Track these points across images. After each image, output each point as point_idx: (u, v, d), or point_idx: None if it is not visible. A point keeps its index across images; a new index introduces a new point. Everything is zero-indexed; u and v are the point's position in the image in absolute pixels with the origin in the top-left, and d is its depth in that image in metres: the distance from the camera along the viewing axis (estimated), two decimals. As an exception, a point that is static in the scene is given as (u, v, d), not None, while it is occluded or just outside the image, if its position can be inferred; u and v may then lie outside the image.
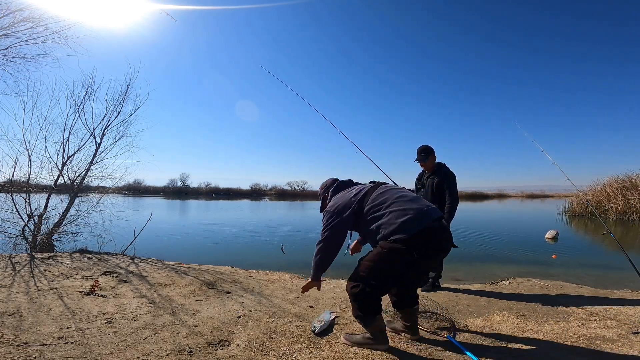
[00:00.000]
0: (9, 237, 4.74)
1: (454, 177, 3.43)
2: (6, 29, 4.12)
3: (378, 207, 2.02)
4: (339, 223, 2.08)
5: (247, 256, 6.57)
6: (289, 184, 57.14)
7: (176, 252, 6.64)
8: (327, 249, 2.12)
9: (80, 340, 2.05)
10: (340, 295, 3.25)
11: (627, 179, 16.03)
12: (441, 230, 1.95)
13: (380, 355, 1.98)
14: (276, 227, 11.94)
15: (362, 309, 1.99)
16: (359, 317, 2.03)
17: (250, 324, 2.43)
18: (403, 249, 1.85)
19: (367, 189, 2.15)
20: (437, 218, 1.94)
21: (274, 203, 32.38)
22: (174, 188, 53.63)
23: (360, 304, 1.98)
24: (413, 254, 1.86)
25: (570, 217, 16.85)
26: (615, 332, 2.33)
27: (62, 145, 5.37)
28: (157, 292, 3.12)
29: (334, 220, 2.09)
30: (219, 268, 4.35)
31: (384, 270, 1.94)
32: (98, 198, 5.54)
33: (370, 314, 1.99)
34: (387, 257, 1.90)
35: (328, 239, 2.10)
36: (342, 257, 2.27)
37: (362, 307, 1.98)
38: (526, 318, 2.66)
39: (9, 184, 4.87)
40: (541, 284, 3.87)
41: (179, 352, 1.94)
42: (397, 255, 1.87)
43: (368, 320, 2.00)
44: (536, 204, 35.81)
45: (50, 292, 2.90)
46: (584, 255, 7.18)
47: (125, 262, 4.19)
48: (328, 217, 2.13)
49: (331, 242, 2.10)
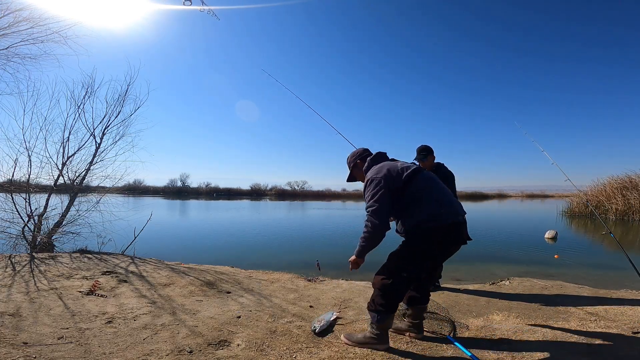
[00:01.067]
0: (9, 237, 4.74)
1: (452, 177, 3.44)
2: (6, 29, 4.12)
3: (420, 192, 1.97)
4: (385, 194, 1.94)
5: (247, 256, 6.57)
6: (289, 184, 57.23)
7: (176, 252, 6.64)
8: (374, 228, 1.95)
9: (80, 340, 2.05)
10: (340, 295, 3.25)
11: (627, 179, 16.02)
12: (465, 224, 2.08)
13: (380, 355, 1.97)
14: (276, 228, 11.94)
15: (386, 304, 1.96)
16: (377, 312, 1.99)
17: (250, 324, 2.43)
18: (437, 237, 1.92)
19: (414, 169, 2.06)
20: (463, 213, 2.07)
21: (274, 203, 32.38)
22: (174, 188, 53.67)
23: (388, 298, 1.96)
24: (444, 243, 1.96)
25: (570, 217, 16.84)
26: (615, 332, 2.33)
27: (62, 145, 5.37)
28: (157, 292, 3.11)
29: (381, 190, 1.95)
30: (219, 268, 4.35)
31: (417, 260, 1.96)
32: (98, 198, 5.54)
33: (389, 310, 1.99)
34: (423, 245, 1.93)
35: (377, 213, 1.94)
36: (341, 257, 2.26)
37: (388, 301, 1.96)
38: (526, 318, 2.66)
39: (9, 184, 4.86)
40: (541, 284, 3.87)
41: (179, 352, 1.94)
42: (432, 244, 1.93)
43: (384, 316, 1.99)
44: (536, 204, 35.80)
45: (50, 292, 2.90)
46: (584, 255, 7.17)
47: (125, 262, 4.19)
48: (375, 185, 1.98)
49: (380, 220, 1.94)
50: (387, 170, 2.03)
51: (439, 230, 1.92)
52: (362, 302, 3.03)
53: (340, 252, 6.90)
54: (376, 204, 1.95)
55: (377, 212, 1.95)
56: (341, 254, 7.10)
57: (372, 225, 1.96)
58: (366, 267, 2.26)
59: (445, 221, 1.93)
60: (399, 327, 2.31)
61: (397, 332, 2.30)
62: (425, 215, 1.92)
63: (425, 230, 1.92)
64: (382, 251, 2.16)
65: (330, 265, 5.11)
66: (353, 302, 3.02)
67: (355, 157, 2.31)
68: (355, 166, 2.31)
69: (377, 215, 1.95)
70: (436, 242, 1.94)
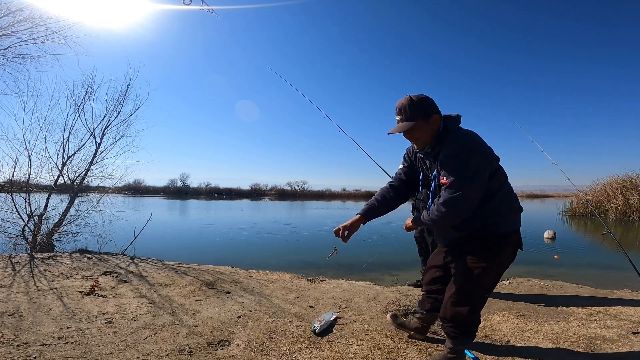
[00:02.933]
0: (9, 237, 4.73)
1: None
2: (6, 29, 4.13)
3: (498, 185, 1.62)
4: (485, 181, 1.53)
5: (247, 256, 6.56)
6: (289, 184, 57.20)
7: (176, 252, 6.63)
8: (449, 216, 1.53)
9: (80, 340, 2.05)
10: (340, 295, 3.25)
11: (627, 179, 16.03)
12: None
13: (380, 355, 1.97)
14: (276, 228, 11.94)
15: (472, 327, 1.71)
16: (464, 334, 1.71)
17: (250, 324, 2.43)
18: (516, 243, 1.67)
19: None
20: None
21: (274, 203, 32.39)
22: (174, 188, 53.66)
23: (475, 324, 1.71)
24: (516, 250, 1.69)
25: (570, 217, 16.84)
26: (615, 332, 2.33)
27: (62, 145, 5.37)
28: (157, 292, 3.11)
29: (484, 173, 1.52)
30: (219, 268, 4.35)
31: (500, 271, 1.67)
32: (98, 198, 5.54)
33: (476, 332, 1.76)
34: (506, 254, 1.64)
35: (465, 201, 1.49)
36: (341, 257, 2.24)
37: (475, 325, 1.72)
38: (526, 318, 2.66)
39: (9, 184, 4.86)
40: (541, 284, 3.87)
41: (179, 352, 1.94)
42: (512, 251, 1.67)
43: (473, 337, 1.76)
44: (536, 204, 35.79)
45: (50, 292, 2.90)
46: (584, 255, 7.18)
47: (125, 262, 4.19)
48: (479, 165, 1.51)
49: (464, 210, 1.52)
50: (488, 148, 1.61)
51: (516, 234, 1.66)
52: (362, 302, 3.03)
53: (340, 252, 6.88)
54: (470, 190, 1.49)
55: (465, 200, 1.49)
56: (341, 253, 7.08)
57: (450, 212, 1.52)
58: (366, 267, 2.26)
59: (519, 225, 1.70)
60: (405, 324, 2.19)
61: (401, 327, 2.20)
62: (502, 218, 1.62)
63: (507, 235, 1.62)
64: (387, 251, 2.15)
65: (330, 265, 5.12)
66: (353, 302, 3.02)
67: (431, 107, 1.65)
68: (425, 116, 1.63)
69: (465, 203, 1.50)
70: (514, 248, 1.67)
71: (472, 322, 1.72)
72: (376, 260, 5.59)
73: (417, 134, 1.66)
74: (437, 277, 1.97)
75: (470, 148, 1.53)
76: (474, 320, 1.72)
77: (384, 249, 7.10)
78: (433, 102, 1.69)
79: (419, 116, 1.62)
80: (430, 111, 1.63)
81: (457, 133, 1.61)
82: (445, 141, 1.60)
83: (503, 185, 1.65)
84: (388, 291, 3.44)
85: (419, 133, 1.65)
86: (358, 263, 5.41)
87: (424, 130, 1.64)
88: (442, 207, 1.52)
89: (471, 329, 1.74)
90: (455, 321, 1.68)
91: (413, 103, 1.64)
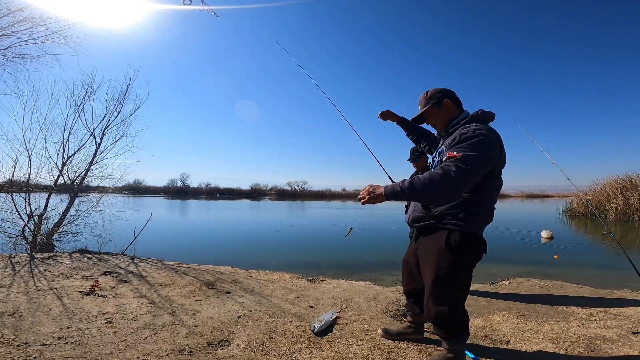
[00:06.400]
0: (9, 237, 4.74)
1: None
2: (6, 29, 4.13)
3: (488, 187, 1.64)
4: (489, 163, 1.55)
5: (247, 256, 6.57)
6: (289, 184, 57.26)
7: (176, 252, 6.64)
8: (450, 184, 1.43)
9: (80, 340, 2.05)
10: (340, 295, 3.25)
11: (627, 179, 16.04)
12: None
13: (380, 355, 1.97)
14: (276, 227, 11.94)
15: (459, 327, 1.73)
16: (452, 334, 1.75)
17: (250, 324, 2.43)
18: (480, 247, 1.70)
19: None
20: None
21: (274, 203, 32.38)
22: (174, 188, 53.71)
23: (462, 322, 1.73)
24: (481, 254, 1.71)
25: (570, 217, 16.84)
26: (615, 332, 2.33)
27: (62, 145, 5.38)
28: (157, 292, 3.11)
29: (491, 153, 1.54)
30: (219, 268, 4.35)
31: (467, 271, 1.70)
32: (98, 198, 5.55)
33: (467, 329, 1.79)
34: (467, 256, 1.66)
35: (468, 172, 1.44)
36: (341, 257, 2.23)
37: (462, 324, 1.74)
38: (526, 318, 2.66)
39: (9, 184, 4.86)
40: (541, 284, 3.87)
41: (179, 352, 1.94)
42: (475, 254, 1.69)
43: (466, 335, 1.79)
44: (536, 204, 35.79)
45: (50, 292, 2.90)
46: (584, 255, 7.18)
47: (125, 262, 4.19)
48: (487, 146, 1.53)
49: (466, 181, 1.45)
50: (502, 149, 1.63)
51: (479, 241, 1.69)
52: (362, 302, 3.03)
53: (340, 252, 6.91)
54: (476, 160, 1.47)
55: (467, 172, 1.44)
56: (341, 253, 7.12)
57: (451, 178, 1.42)
58: (367, 267, 2.26)
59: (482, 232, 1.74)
60: (400, 332, 2.21)
61: (398, 337, 2.18)
62: (479, 218, 1.67)
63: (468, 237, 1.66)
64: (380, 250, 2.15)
65: (330, 265, 5.12)
66: (353, 302, 3.02)
67: (444, 93, 1.83)
68: (436, 104, 1.82)
69: (468, 173, 1.44)
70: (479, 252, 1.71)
71: (458, 322, 1.72)
72: (376, 260, 5.63)
73: (432, 120, 1.89)
74: (411, 273, 2.02)
75: (486, 138, 1.56)
76: (458, 319, 1.72)
77: (384, 249, 7.14)
78: (447, 91, 1.87)
79: (431, 103, 1.85)
80: (441, 98, 1.83)
81: (480, 124, 1.67)
82: (465, 126, 1.68)
83: (492, 191, 1.68)
84: (388, 291, 3.44)
85: (434, 119, 1.87)
86: (358, 263, 5.44)
87: (437, 115, 1.85)
88: (437, 172, 1.46)
89: (460, 328, 1.74)
90: (439, 322, 1.72)
91: (426, 94, 1.90)
